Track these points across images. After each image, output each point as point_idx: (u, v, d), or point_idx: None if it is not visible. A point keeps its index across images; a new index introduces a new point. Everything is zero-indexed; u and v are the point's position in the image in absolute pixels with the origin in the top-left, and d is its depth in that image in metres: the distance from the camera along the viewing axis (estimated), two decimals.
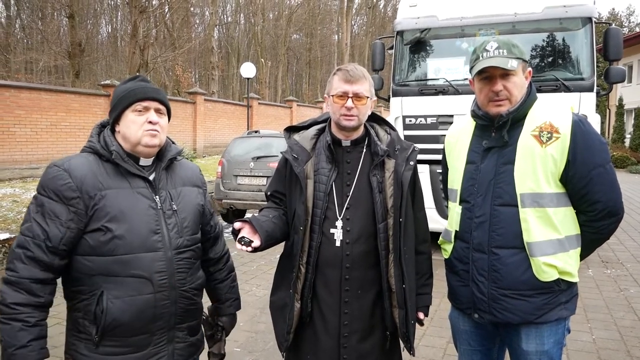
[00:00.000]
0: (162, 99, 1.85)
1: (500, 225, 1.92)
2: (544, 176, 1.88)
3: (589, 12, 6.22)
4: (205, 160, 16.64)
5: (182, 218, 1.86)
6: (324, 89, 2.17)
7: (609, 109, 29.04)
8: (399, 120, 6.85)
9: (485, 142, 2.00)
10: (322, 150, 2.08)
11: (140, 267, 1.73)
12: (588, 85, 6.13)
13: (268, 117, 23.43)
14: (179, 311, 1.83)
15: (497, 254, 1.93)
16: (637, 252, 7.18)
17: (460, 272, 2.07)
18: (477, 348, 2.15)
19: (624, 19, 53.14)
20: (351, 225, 2.01)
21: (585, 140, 1.86)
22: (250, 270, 6.31)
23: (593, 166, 1.86)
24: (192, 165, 2.08)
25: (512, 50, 1.91)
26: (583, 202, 1.91)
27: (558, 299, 1.92)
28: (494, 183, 1.95)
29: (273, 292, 2.21)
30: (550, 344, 1.95)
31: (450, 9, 6.71)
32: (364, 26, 46.91)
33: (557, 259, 1.88)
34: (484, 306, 1.97)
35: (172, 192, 1.88)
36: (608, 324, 4.45)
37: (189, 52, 31.94)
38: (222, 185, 9.25)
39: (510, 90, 1.91)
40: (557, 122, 1.88)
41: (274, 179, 2.20)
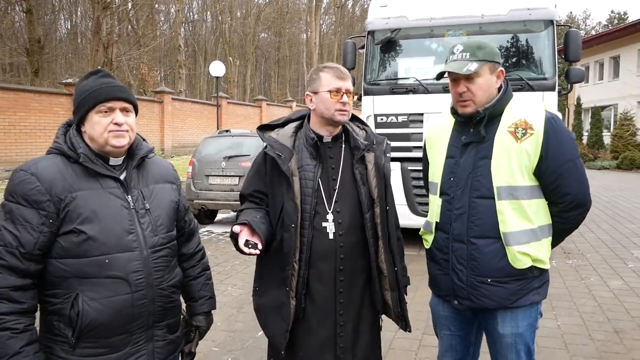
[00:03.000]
0: (127, 97, 1.78)
1: (478, 216, 2.03)
2: (519, 170, 1.98)
3: (551, 15, 6.49)
4: (174, 160, 16.43)
5: (155, 216, 1.84)
6: (294, 88, 2.25)
7: (568, 108, 30.00)
8: (371, 119, 6.97)
9: (464, 137, 2.10)
10: (303, 147, 2.12)
11: (116, 268, 1.71)
12: (550, 85, 6.39)
13: (237, 117, 23.30)
14: (157, 310, 1.81)
15: (475, 243, 2.04)
16: (595, 243, 7.52)
17: (441, 261, 2.16)
18: (456, 333, 2.26)
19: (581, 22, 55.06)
20: (341, 217, 2.09)
21: (557, 137, 1.98)
22: (225, 270, 6.32)
23: (564, 161, 1.98)
24: (165, 162, 2.06)
25: (477, 53, 2.01)
26: (554, 194, 2.03)
27: (531, 284, 2.04)
28: (472, 177, 2.05)
29: (261, 294, 2.18)
30: (524, 327, 2.07)
31: (420, 10, 6.86)
32: (333, 25, 47.10)
33: (531, 247, 2.00)
34: (463, 293, 2.08)
35: (144, 190, 1.85)
36: (571, 311, 4.68)
37: (154, 50, 31.40)
38: (193, 186, 9.14)
39: (474, 92, 2.01)
40: (532, 119, 1.99)
41: (253, 178, 2.18)
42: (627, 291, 5.26)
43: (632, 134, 22.36)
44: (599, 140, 26.21)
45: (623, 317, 4.53)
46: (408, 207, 6.91)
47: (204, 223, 9.67)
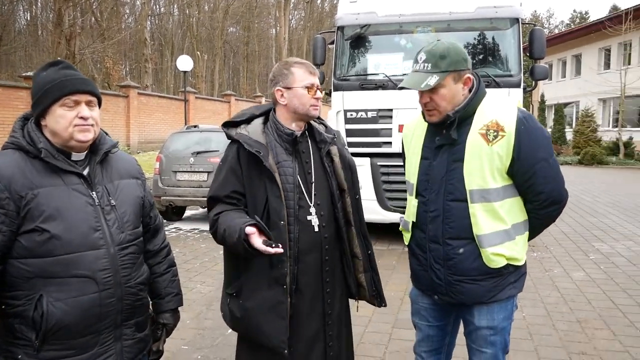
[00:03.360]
0: (92, 89, 1.73)
1: (452, 219, 2.05)
2: (490, 173, 1.99)
3: (517, 13, 6.63)
4: (140, 156, 16.13)
5: (121, 213, 1.80)
6: (263, 84, 2.23)
7: (532, 105, 30.81)
8: (341, 114, 7.00)
9: (437, 139, 2.10)
10: (275, 143, 2.11)
11: (83, 267, 1.66)
12: (516, 82, 6.53)
13: (206, 112, 23.03)
14: (125, 308, 1.78)
15: (451, 244, 2.07)
16: (559, 236, 7.74)
17: (420, 258, 2.21)
18: (434, 324, 2.30)
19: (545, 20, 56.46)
20: (322, 209, 2.15)
21: (529, 137, 1.97)
22: (193, 267, 6.25)
23: (536, 161, 1.98)
24: (129, 157, 2.01)
25: (439, 63, 1.96)
26: (528, 192, 2.04)
27: (507, 280, 2.08)
28: (445, 180, 2.06)
29: (247, 298, 2.09)
30: (499, 319, 2.11)
31: (390, 6, 6.90)
32: (302, 21, 46.93)
33: (505, 247, 2.02)
34: (442, 290, 2.13)
35: (108, 186, 1.80)
36: (536, 302, 4.80)
37: (119, 44, 30.65)
38: (160, 182, 8.97)
39: (437, 102, 2.01)
40: (503, 121, 1.97)
41: (228, 179, 2.09)
42: (588, 282, 5.43)
43: (593, 130, 23.09)
44: (561, 137, 26.97)
45: (585, 307, 4.67)
46: (377, 202, 6.96)
47: (172, 220, 9.53)
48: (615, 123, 24.15)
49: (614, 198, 11.71)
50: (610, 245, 7.12)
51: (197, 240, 7.89)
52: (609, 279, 5.51)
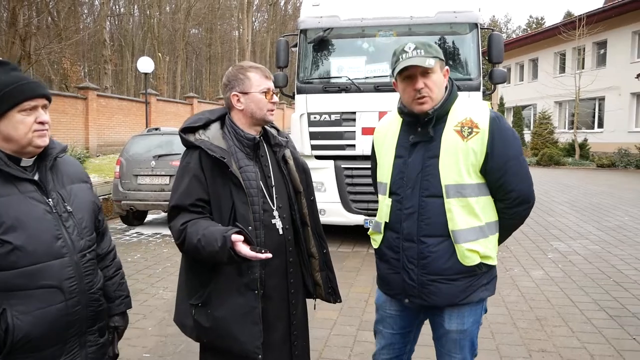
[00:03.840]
0: (47, 93, 1.70)
1: (427, 215, 2.06)
2: (466, 168, 2.02)
3: (475, 18, 6.77)
4: (100, 159, 15.72)
5: (79, 219, 1.76)
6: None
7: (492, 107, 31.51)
8: (304, 117, 6.99)
9: (412, 137, 2.11)
10: (235, 148, 2.09)
11: (49, 277, 1.62)
12: (476, 85, 6.67)
13: (168, 114, 22.64)
14: (90, 315, 1.77)
15: (425, 242, 2.06)
16: (518, 236, 7.92)
17: (391, 261, 2.17)
18: (398, 332, 2.29)
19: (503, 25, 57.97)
20: (284, 212, 2.18)
21: (501, 135, 2.03)
22: (155, 272, 6.12)
23: (508, 158, 2.03)
24: (75, 161, 1.96)
25: (429, 50, 2.02)
26: (500, 191, 2.08)
27: (480, 281, 2.09)
28: (421, 176, 2.07)
29: (217, 307, 2.04)
30: (469, 323, 2.12)
31: (352, 10, 6.94)
32: (265, 23, 46.78)
33: (479, 244, 2.04)
34: (414, 292, 2.10)
35: (62, 192, 1.75)
36: (497, 301, 4.89)
37: (77, 44, 29.80)
38: (121, 186, 8.79)
39: (431, 88, 2.02)
40: (477, 118, 2.03)
41: (192, 186, 2.02)
42: (547, 281, 5.58)
43: (550, 132, 23.83)
44: (520, 138, 27.70)
45: (544, 305, 4.80)
46: (342, 205, 6.99)
47: (133, 224, 9.34)
48: (571, 125, 25.02)
49: (571, 198, 12.11)
50: (568, 244, 7.35)
51: (159, 245, 7.73)
52: (566, 277, 5.68)
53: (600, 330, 4.14)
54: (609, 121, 23.90)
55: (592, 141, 23.26)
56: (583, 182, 15.68)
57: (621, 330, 4.15)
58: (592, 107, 25.34)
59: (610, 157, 20.73)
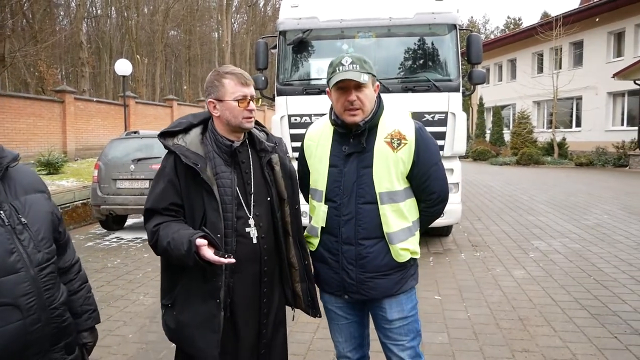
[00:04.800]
0: None
1: (364, 220, 2.23)
2: (396, 176, 2.22)
3: (454, 19, 6.80)
4: (79, 164, 15.45)
5: (35, 231, 1.67)
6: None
7: (472, 107, 31.89)
8: (285, 119, 6.94)
9: (345, 147, 2.25)
10: (214, 154, 2.08)
11: (3, 294, 1.54)
12: (455, 86, 6.70)
13: (147, 117, 22.34)
14: (52, 332, 1.68)
15: (363, 244, 2.24)
16: (500, 235, 8.00)
17: (330, 262, 2.32)
18: (353, 320, 2.43)
19: (481, 26, 58.63)
20: (261, 220, 2.15)
21: (425, 144, 2.25)
22: (136, 278, 6.01)
23: (431, 164, 2.26)
24: (29, 170, 1.86)
25: (364, 65, 2.16)
26: (423, 193, 2.31)
27: (409, 272, 2.33)
28: (357, 185, 2.23)
29: (181, 310, 2.07)
30: (408, 309, 2.32)
31: (331, 11, 6.92)
32: (245, 24, 46.56)
33: (409, 242, 2.27)
34: (353, 289, 2.28)
35: (15, 204, 1.66)
36: (480, 301, 4.91)
37: (53, 47, 29.34)
38: (99, 190, 8.67)
39: (363, 101, 2.16)
40: (404, 130, 2.23)
41: (166, 191, 2.04)
42: (529, 280, 5.61)
43: (529, 131, 24.15)
44: (500, 138, 28.05)
45: (526, 305, 4.82)
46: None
47: (113, 229, 9.20)
48: (550, 124, 25.37)
49: (550, 197, 12.25)
50: (548, 243, 7.41)
51: (139, 250, 7.61)
52: (548, 277, 5.71)
53: (582, 329, 4.17)
54: (586, 120, 24.30)
55: (571, 140, 23.64)
56: (562, 180, 15.91)
57: (602, 329, 4.18)
58: (570, 107, 25.74)
59: (588, 156, 21.08)
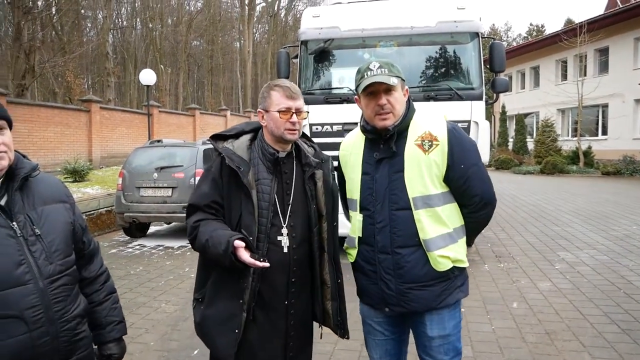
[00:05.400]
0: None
1: (399, 227, 2.15)
2: (430, 180, 2.13)
3: (476, 27, 6.74)
4: (103, 171, 15.71)
5: (48, 242, 1.66)
6: (227, 97, 2.23)
7: (494, 116, 31.53)
8: (306, 128, 6.95)
9: (376, 154, 2.22)
10: (259, 160, 2.15)
11: (7, 306, 1.52)
12: (478, 94, 6.62)
13: (170, 126, 22.66)
14: (62, 346, 1.65)
15: (400, 253, 2.16)
16: (524, 246, 7.84)
17: (368, 273, 2.26)
18: (390, 337, 2.34)
19: (503, 33, 58.05)
20: (295, 231, 2.17)
21: (459, 145, 2.16)
22: (158, 286, 6.05)
23: (469, 166, 2.15)
24: (52, 180, 1.86)
25: (392, 69, 2.15)
26: (464, 197, 2.19)
27: (454, 283, 2.20)
28: (389, 191, 2.17)
29: (209, 304, 2.16)
30: (450, 327, 2.21)
31: (352, 21, 6.93)
32: (266, 34, 46.98)
33: (449, 250, 2.15)
34: (393, 300, 2.19)
35: (31, 214, 1.66)
36: (505, 314, 4.81)
37: (80, 57, 29.97)
38: (123, 198, 8.81)
39: (393, 104, 2.14)
40: (435, 131, 2.15)
41: (209, 188, 2.13)
42: (555, 292, 5.47)
43: (553, 139, 23.73)
44: (523, 146, 27.63)
45: (553, 318, 4.69)
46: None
47: (136, 237, 9.32)
48: (574, 132, 24.92)
49: (576, 206, 11.99)
50: (575, 255, 7.24)
51: (161, 257, 7.67)
52: (575, 289, 5.57)
53: (612, 345, 4.04)
54: (613, 128, 23.80)
55: (597, 148, 23.15)
56: (588, 190, 15.56)
57: (635, 345, 4.04)
58: (595, 114, 25.26)
59: (615, 165, 20.59)
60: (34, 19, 21.11)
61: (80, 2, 28.59)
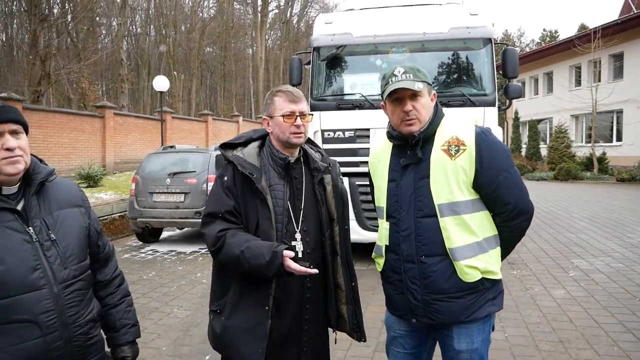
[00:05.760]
0: (15, 117, 1.61)
1: (424, 235, 2.08)
2: (457, 186, 2.05)
3: (489, 33, 6.72)
4: (117, 177, 15.85)
5: (63, 247, 1.68)
6: (240, 103, 2.24)
7: (507, 122, 31.32)
8: (318, 134, 6.96)
9: (402, 160, 2.17)
10: (269, 167, 2.15)
11: (22, 310, 1.54)
12: (490, 100, 6.60)
13: (183, 132, 22.81)
14: (75, 350, 1.67)
15: (425, 262, 2.08)
16: (537, 253, 7.77)
17: (395, 282, 2.20)
18: (410, 351, 2.28)
19: (516, 39, 57.76)
20: (308, 235, 2.17)
21: (489, 149, 2.06)
22: (170, 291, 6.08)
23: (499, 172, 2.06)
24: (68, 184, 1.89)
25: (418, 74, 2.09)
26: (495, 204, 2.10)
27: (485, 296, 2.09)
28: (414, 197, 2.11)
29: (229, 315, 2.10)
30: (479, 342, 2.12)
31: (364, 27, 6.95)
32: (278, 40, 47.20)
33: (478, 260, 2.05)
34: (420, 311, 2.12)
35: (47, 219, 1.68)
36: (518, 322, 4.76)
37: (95, 64, 30.35)
38: (136, 203, 8.88)
39: (419, 110, 2.09)
40: (462, 136, 2.08)
41: (225, 196, 2.09)
42: (569, 300, 5.41)
43: (567, 145, 23.52)
44: (536, 152, 27.41)
45: (567, 326, 4.64)
46: (357, 222, 6.92)
47: (148, 242, 9.37)
48: (588, 139, 24.66)
49: (590, 213, 11.85)
50: (589, 262, 7.15)
51: (173, 262, 7.71)
52: (589, 297, 5.50)
53: (627, 354, 3.98)
54: (628, 134, 23.50)
55: (611, 155, 22.86)
56: (603, 197, 15.37)
57: None
58: (609, 120, 24.98)
59: (630, 171, 20.31)
60: (50, 27, 21.43)
61: (95, 9, 28.94)
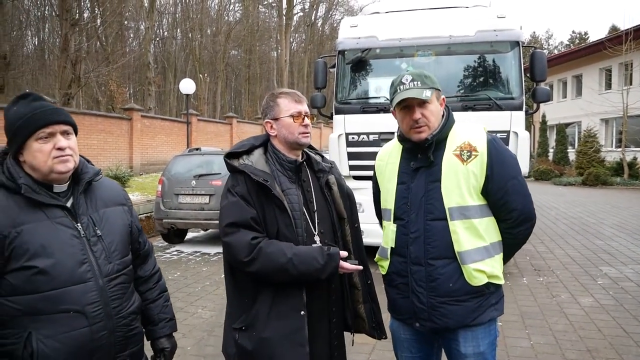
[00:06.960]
0: (65, 119, 1.70)
1: (433, 238, 2.10)
2: (467, 190, 2.08)
3: (517, 36, 6.63)
4: (143, 178, 16.13)
5: (108, 242, 1.78)
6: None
7: (534, 125, 30.81)
8: (342, 138, 6.98)
9: (413, 163, 2.18)
10: (278, 172, 2.12)
11: (70, 301, 1.63)
12: (518, 104, 6.51)
13: (208, 134, 23.09)
14: (118, 340, 1.76)
15: (433, 264, 2.10)
16: (565, 260, 7.62)
17: (400, 285, 2.21)
18: (417, 355, 2.29)
19: (544, 41, 56.83)
20: (325, 237, 2.15)
21: (499, 157, 2.10)
22: (194, 291, 6.16)
23: (508, 179, 2.09)
24: (112, 184, 2.00)
25: (425, 81, 2.11)
26: (502, 211, 2.12)
27: (488, 301, 2.12)
28: (424, 200, 2.13)
29: (261, 329, 2.00)
30: (485, 345, 2.13)
31: (390, 30, 6.93)
32: (303, 43, 47.41)
33: (485, 264, 2.08)
34: (425, 315, 2.12)
35: (94, 216, 1.78)
36: (544, 329, 4.69)
37: (123, 67, 30.97)
38: (162, 205, 9.01)
39: (428, 117, 2.10)
40: (475, 142, 2.11)
41: (244, 204, 2.01)
42: (597, 308, 5.30)
43: (596, 150, 23.00)
44: (564, 157, 26.88)
45: (595, 335, 4.55)
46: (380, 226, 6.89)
47: (174, 242, 9.51)
48: (619, 143, 24.08)
49: (620, 220, 11.58)
50: (619, 270, 6.99)
51: (198, 263, 7.81)
52: (618, 305, 5.38)
53: None
54: None
55: None
56: (633, 203, 14.98)
57: None
58: None
59: None
60: (80, 31, 21.98)
61: (124, 13, 29.54)
